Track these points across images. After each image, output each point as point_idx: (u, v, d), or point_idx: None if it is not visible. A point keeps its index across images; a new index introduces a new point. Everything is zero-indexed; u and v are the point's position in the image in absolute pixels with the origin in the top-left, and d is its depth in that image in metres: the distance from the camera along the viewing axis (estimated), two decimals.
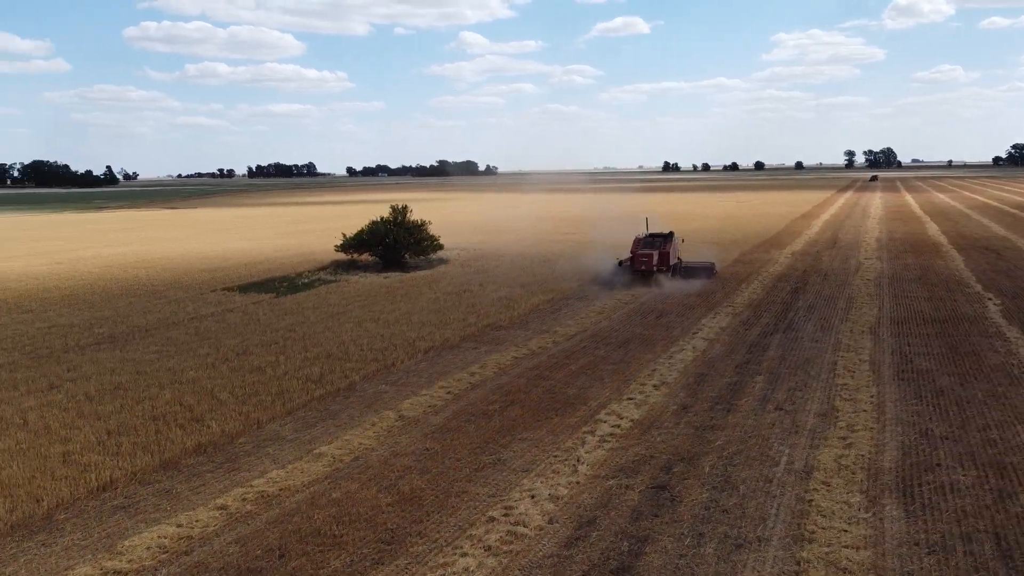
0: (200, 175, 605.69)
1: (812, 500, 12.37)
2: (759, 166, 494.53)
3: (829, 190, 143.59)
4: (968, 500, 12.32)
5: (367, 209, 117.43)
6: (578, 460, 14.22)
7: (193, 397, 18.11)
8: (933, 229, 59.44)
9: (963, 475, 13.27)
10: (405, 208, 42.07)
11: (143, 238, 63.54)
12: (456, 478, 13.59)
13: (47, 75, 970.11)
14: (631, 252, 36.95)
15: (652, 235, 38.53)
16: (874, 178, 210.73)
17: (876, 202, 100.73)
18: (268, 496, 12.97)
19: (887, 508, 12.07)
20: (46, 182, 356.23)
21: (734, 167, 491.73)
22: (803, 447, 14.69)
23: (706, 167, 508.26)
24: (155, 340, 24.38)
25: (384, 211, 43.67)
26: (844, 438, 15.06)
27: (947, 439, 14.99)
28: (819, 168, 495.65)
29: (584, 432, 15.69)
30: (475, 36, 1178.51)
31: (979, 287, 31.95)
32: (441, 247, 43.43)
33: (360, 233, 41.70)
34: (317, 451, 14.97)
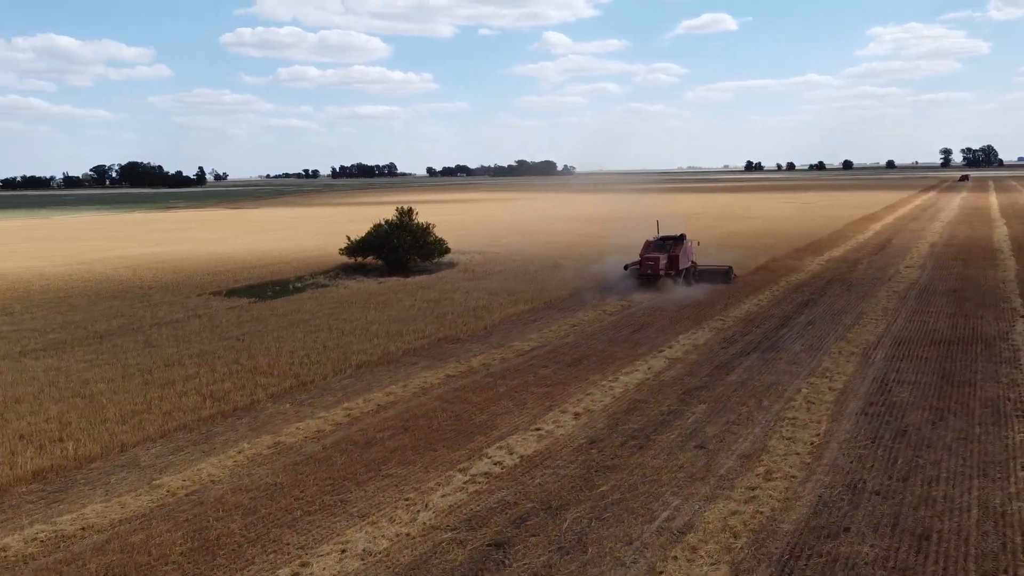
0: (287, 175, 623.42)
1: (663, 573, 10.20)
2: (847, 165, 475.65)
3: (911, 190, 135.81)
4: None
5: (425, 209, 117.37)
6: (426, 505, 12.38)
7: (77, 413, 17.06)
8: (1000, 235, 54.48)
9: (869, 547, 10.83)
10: (410, 210, 40.69)
11: (181, 239, 64.31)
12: (278, 522, 11.95)
13: (150, 81, 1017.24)
14: (640, 255, 34.81)
15: (663, 238, 36.25)
16: (964, 177, 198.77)
17: (954, 203, 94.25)
18: (61, 537, 11.62)
19: None
20: (139, 182, 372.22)
21: (820, 167, 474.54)
22: (698, 499, 12.46)
23: (791, 167, 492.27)
24: (100, 348, 23.63)
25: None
26: (752, 488, 12.73)
27: (878, 495, 12.48)
28: (913, 167, 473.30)
29: (458, 469, 13.82)
30: (558, 36, 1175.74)
31: (1018, 302, 28.38)
32: (447, 251, 41.90)
33: (369, 235, 40.54)
34: (158, 482, 13.59)
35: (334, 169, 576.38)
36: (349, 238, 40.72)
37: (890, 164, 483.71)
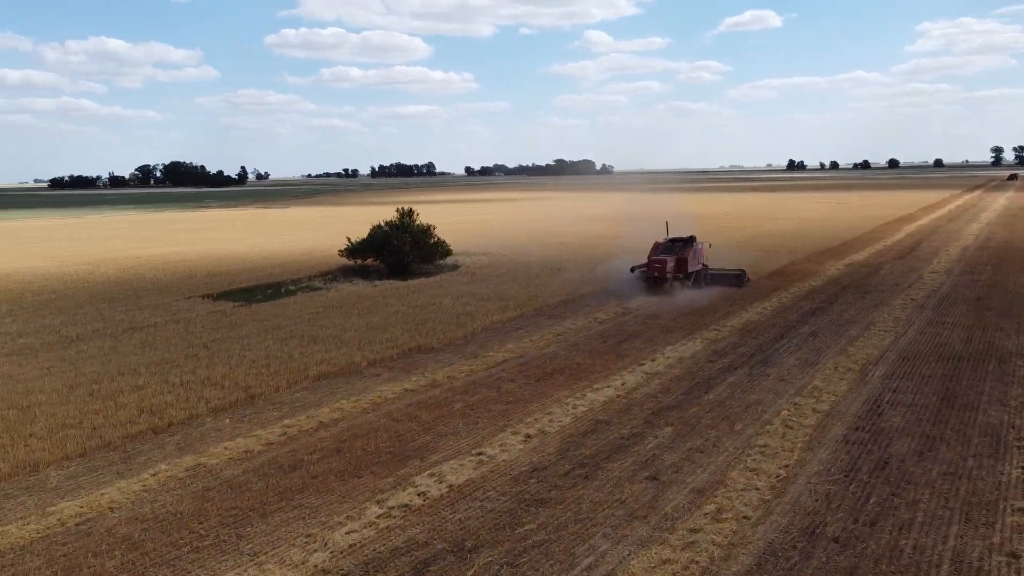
0: (328, 175, 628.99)
1: None
2: (893, 164, 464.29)
3: (955, 189, 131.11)
4: None
5: (450, 208, 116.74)
6: (324, 544, 11.13)
7: (5, 427, 16.21)
8: None
9: None
10: (410, 212, 39.58)
11: (199, 238, 64.12)
12: (158, 560, 10.82)
13: (197, 82, 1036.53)
14: (647, 258, 33.41)
15: (672, 240, 34.74)
16: (1012, 176, 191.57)
17: (998, 203, 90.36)
18: None
19: None
20: (182, 182, 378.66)
21: (865, 166, 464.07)
22: (630, 543, 11.03)
23: (835, 165, 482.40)
24: (64, 354, 22.90)
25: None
26: (694, 531, 11.25)
27: (836, 543, 10.91)
28: (963, 166, 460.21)
29: (376, 501, 12.57)
30: (600, 35, 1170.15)
31: None
32: (449, 253, 40.71)
33: (369, 237, 39.56)
34: (53, 508, 12.57)
35: (373, 169, 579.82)
36: (349, 240, 39.77)
37: (938, 163, 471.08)
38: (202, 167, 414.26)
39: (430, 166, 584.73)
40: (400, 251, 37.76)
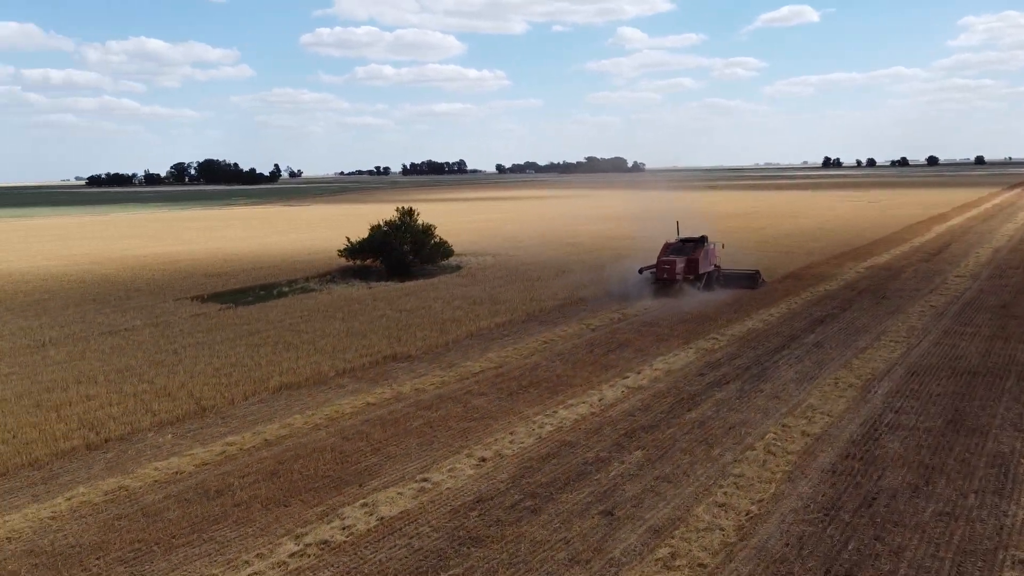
0: (360, 172, 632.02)
1: None
2: (932, 162, 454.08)
3: (994, 188, 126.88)
4: None
5: (473, 206, 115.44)
6: None
7: None
8: None
9: None
10: (410, 211, 38.40)
11: (212, 236, 63.63)
12: None
13: (233, 81, 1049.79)
14: (657, 259, 32.04)
15: (683, 240, 33.30)
16: None
17: None
18: None
19: None
20: (215, 179, 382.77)
21: (903, 163, 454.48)
22: None
23: (871, 163, 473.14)
24: (27, 360, 22.10)
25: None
26: None
27: None
28: (1005, 163, 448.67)
29: (294, 535, 11.35)
30: (633, 31, 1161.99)
31: None
32: (450, 254, 39.49)
33: (369, 237, 38.49)
34: None
35: (405, 166, 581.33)
36: (349, 240, 38.72)
37: (979, 160, 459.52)
38: (235, 165, 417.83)
39: (461, 164, 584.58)
40: (399, 252, 36.59)
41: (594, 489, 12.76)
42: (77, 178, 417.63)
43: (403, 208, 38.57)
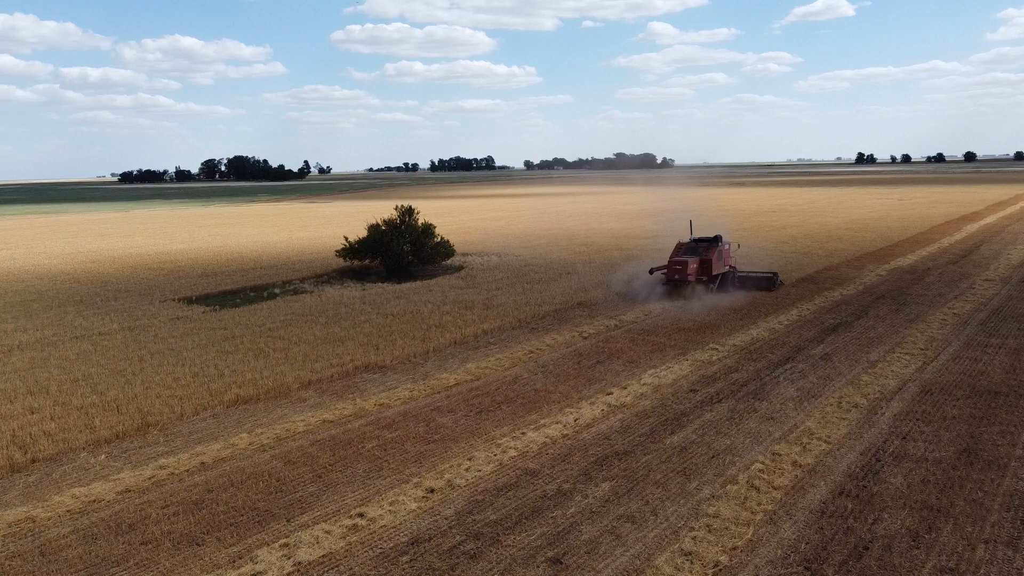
0: (389, 169, 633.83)
1: None
2: (969, 157, 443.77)
3: None
4: None
5: (492, 203, 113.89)
6: None
7: None
8: None
9: None
10: (410, 210, 37.06)
11: (221, 234, 62.88)
12: None
13: (266, 78, 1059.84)
14: (668, 259, 30.59)
15: (696, 240, 31.72)
16: None
17: None
18: None
19: None
20: (244, 176, 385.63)
21: (939, 159, 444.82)
22: None
23: (906, 159, 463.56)
24: None
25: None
26: None
27: None
28: None
29: None
30: (664, 26, 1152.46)
31: None
32: (451, 254, 38.10)
33: (367, 237, 37.26)
34: None
35: (433, 162, 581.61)
36: (347, 240, 37.51)
37: (1019, 156, 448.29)
38: (264, 161, 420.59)
39: (489, 160, 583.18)
40: (396, 253, 35.28)
41: (547, 530, 11.28)
42: (112, 175, 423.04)
43: (402, 207, 37.22)
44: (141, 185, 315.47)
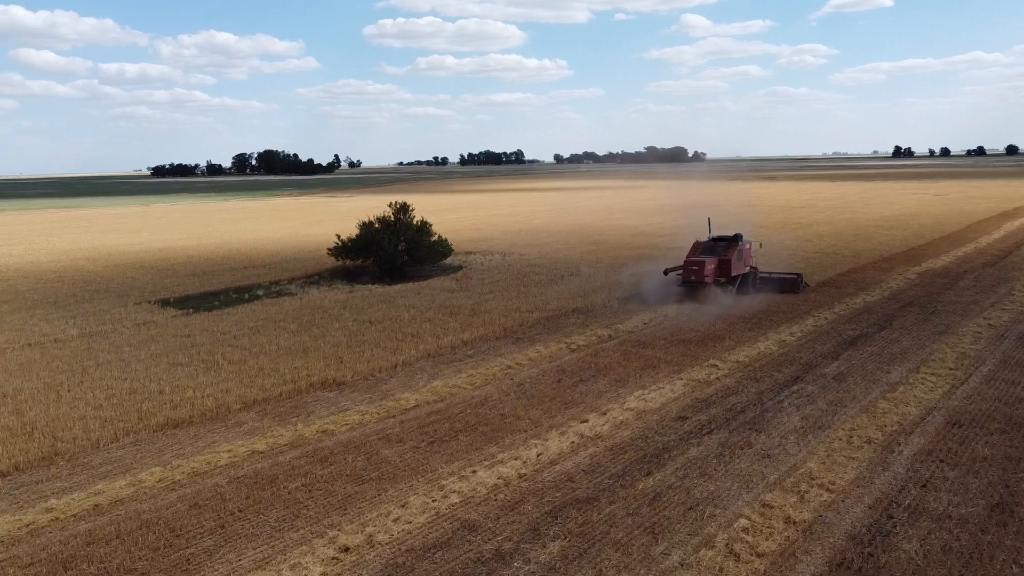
0: (419, 163, 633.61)
1: None
2: (1011, 151, 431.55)
3: None
4: None
5: (510, 198, 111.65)
6: None
7: None
8: None
9: None
10: (404, 207, 35.04)
11: (228, 230, 61.46)
12: None
13: (299, 73, 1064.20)
14: (685, 259, 28.42)
15: (715, 239, 29.46)
16: None
17: None
18: None
19: None
20: (275, 170, 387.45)
21: (979, 152, 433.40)
22: None
23: (945, 152, 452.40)
24: None
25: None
26: None
27: None
28: None
29: None
30: (697, 18, 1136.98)
31: None
32: (448, 253, 36.02)
33: (358, 236, 35.34)
34: None
35: (462, 156, 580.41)
36: (339, 237, 35.62)
37: None
38: (295, 155, 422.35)
39: (519, 154, 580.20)
40: (389, 252, 33.30)
41: None
42: (149, 168, 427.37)
43: (396, 204, 35.21)
44: (172, 179, 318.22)
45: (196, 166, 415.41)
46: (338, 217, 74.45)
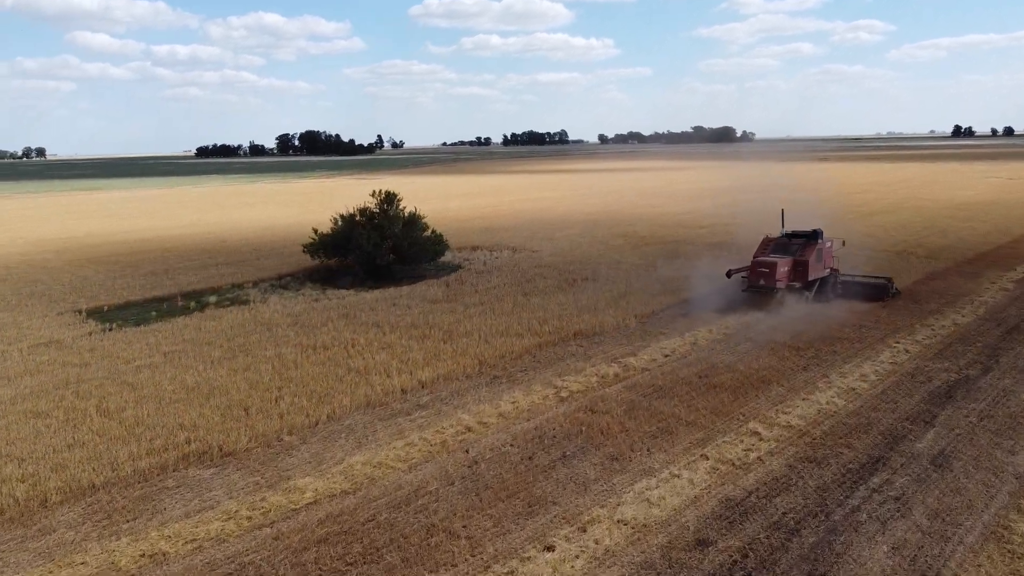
0: (462, 143, 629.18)
1: None
2: None
3: None
4: None
5: (546, 180, 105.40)
6: None
7: None
8: None
9: None
10: (391, 196, 29.72)
11: (232, 216, 56.92)
12: None
13: (346, 54, 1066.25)
14: (752, 259, 23.16)
15: (790, 235, 24.06)
16: None
17: None
18: None
19: None
20: (316, 150, 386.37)
21: None
22: None
23: (1009, 132, 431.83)
24: None
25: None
26: None
27: None
28: None
29: None
30: None
31: None
32: (442, 252, 30.64)
33: (334, 231, 30.22)
34: None
35: (505, 137, 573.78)
36: (315, 232, 30.50)
37: None
38: (336, 136, 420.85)
39: (562, 134, 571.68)
40: (368, 251, 28.05)
41: None
42: (198, 149, 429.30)
43: (381, 193, 29.93)
44: (212, 160, 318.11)
45: (239, 147, 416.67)
46: (351, 201, 69.66)
